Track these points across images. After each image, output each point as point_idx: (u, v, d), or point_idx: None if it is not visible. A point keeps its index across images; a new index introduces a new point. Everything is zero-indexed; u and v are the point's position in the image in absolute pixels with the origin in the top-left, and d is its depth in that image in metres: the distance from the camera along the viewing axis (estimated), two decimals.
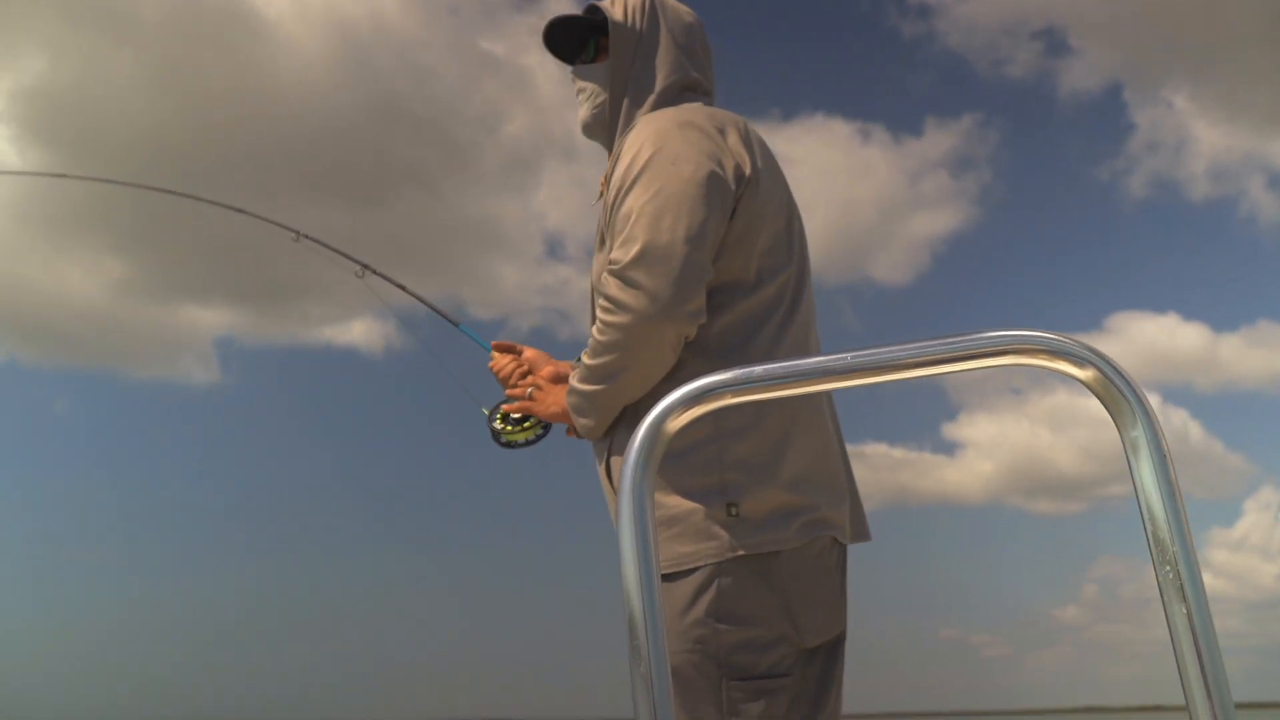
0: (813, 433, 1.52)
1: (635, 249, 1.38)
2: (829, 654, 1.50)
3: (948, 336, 0.82)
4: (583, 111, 1.69)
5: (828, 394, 1.62)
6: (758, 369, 0.86)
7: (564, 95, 1.74)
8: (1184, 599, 0.73)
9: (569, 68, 1.73)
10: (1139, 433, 0.77)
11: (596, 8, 1.67)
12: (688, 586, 1.41)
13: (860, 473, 1.60)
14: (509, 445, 1.81)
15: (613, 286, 1.40)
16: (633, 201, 1.42)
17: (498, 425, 1.82)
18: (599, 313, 1.44)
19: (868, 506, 1.60)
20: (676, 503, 1.44)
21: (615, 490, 1.50)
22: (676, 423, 0.85)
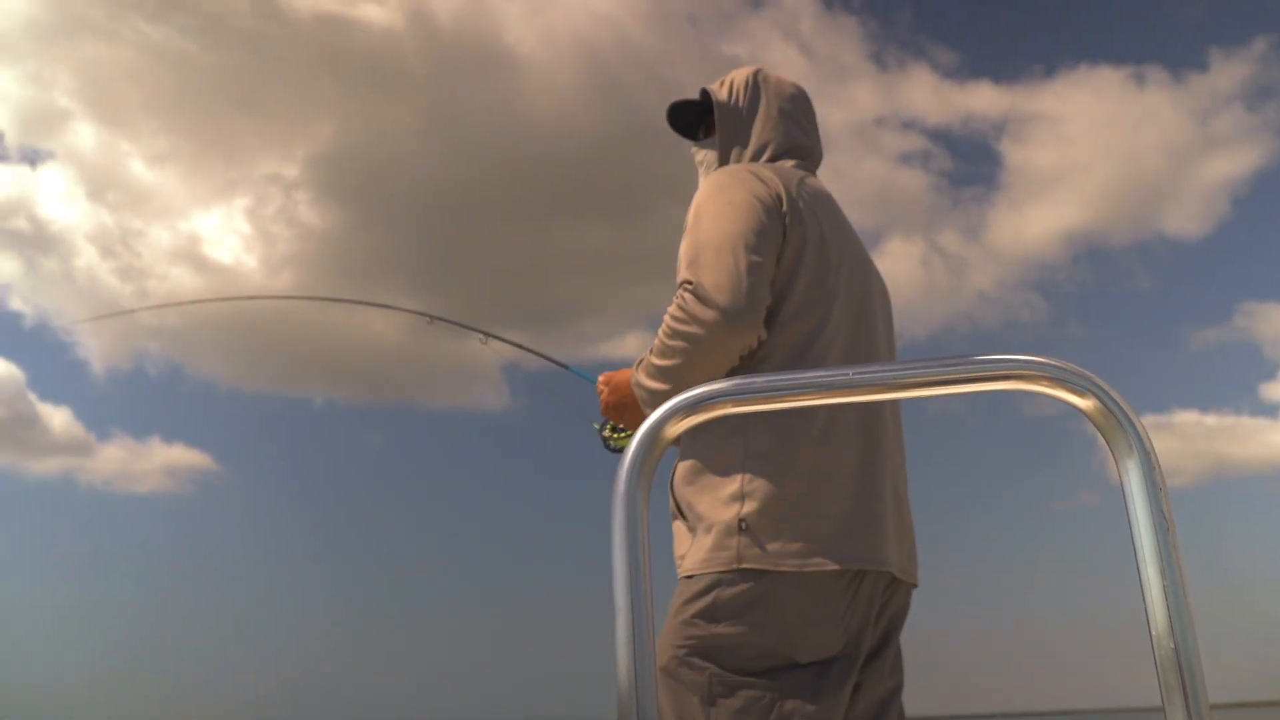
0: (849, 460, 1.55)
1: (707, 270, 1.53)
2: (833, 673, 1.49)
3: (951, 358, 0.82)
4: (701, 180, 1.86)
5: (893, 420, 1.67)
6: (758, 379, 0.86)
7: (814, 88, 1.96)
8: (1171, 631, 0.74)
9: (691, 143, 1.94)
10: (1135, 462, 0.78)
11: (707, 91, 1.88)
12: (693, 587, 1.51)
13: (1168, 444, 1.56)
14: (615, 450, 2.09)
15: (689, 300, 1.54)
16: (700, 231, 1.58)
17: (605, 434, 2.11)
18: (668, 318, 1.57)
19: (1177, 481, 1.61)
20: (706, 509, 1.55)
21: (670, 492, 1.65)
22: (675, 429, 0.85)
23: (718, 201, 1.60)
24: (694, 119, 1.95)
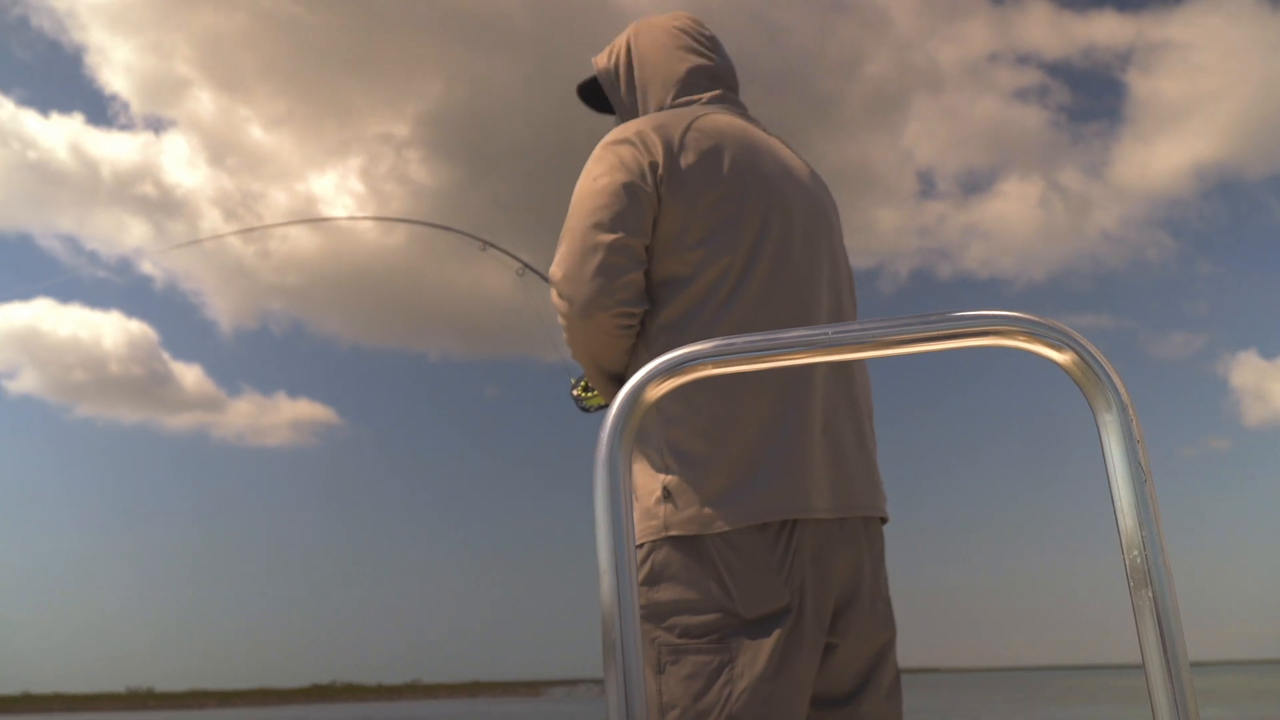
0: (761, 410, 1.53)
1: (556, 260, 1.63)
2: (783, 625, 1.46)
3: (929, 315, 0.82)
4: None
5: (840, 374, 1.63)
6: (738, 340, 0.86)
7: (925, 25, 1.87)
8: (1148, 583, 0.74)
9: (612, 117, 1.93)
10: (1113, 417, 0.77)
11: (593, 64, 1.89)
12: (637, 557, 1.51)
13: None
14: (585, 410, 2.08)
15: (552, 294, 1.65)
16: (567, 217, 1.65)
17: (576, 393, 2.09)
18: None
19: None
20: (639, 481, 1.56)
21: None
22: (656, 392, 0.85)
23: (582, 184, 1.65)
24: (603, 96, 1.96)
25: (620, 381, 1.69)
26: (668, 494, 1.52)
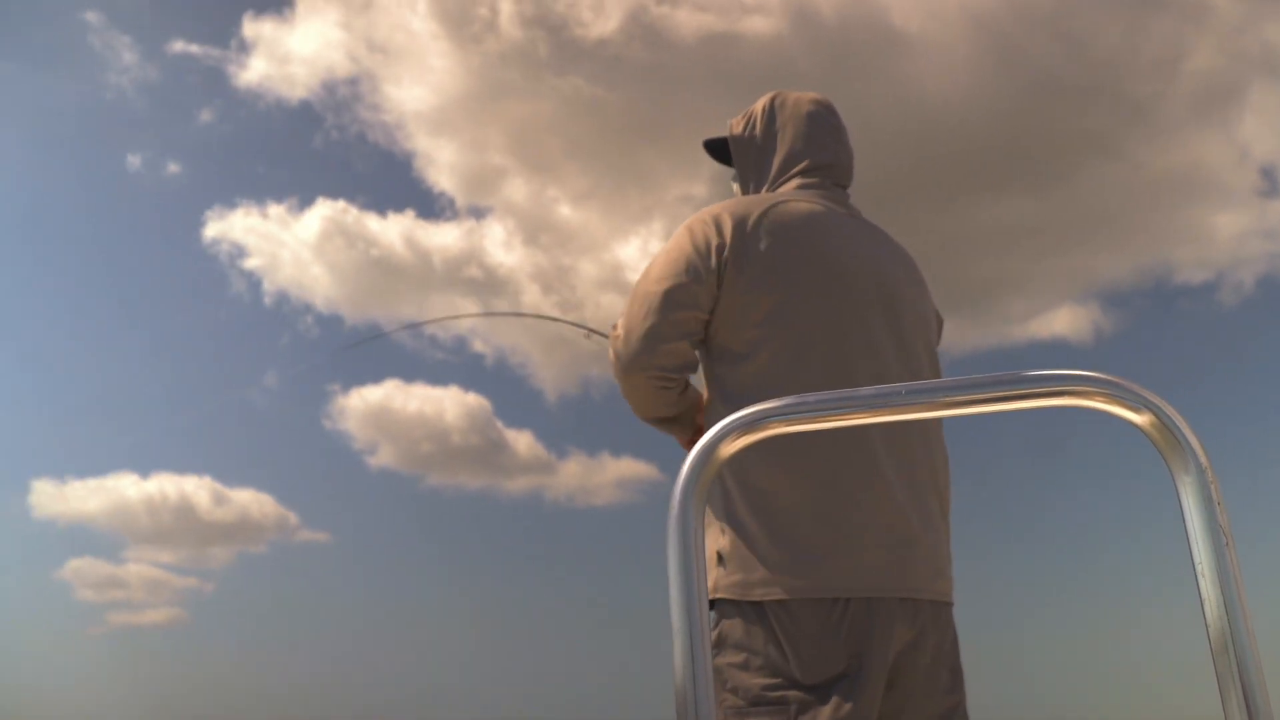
0: (823, 484, 1.56)
1: (624, 318, 1.76)
2: (840, 690, 1.48)
3: (1003, 375, 0.83)
4: None
5: (912, 454, 1.65)
6: (811, 397, 0.86)
7: (1253, 6, 1.71)
8: (1230, 648, 0.74)
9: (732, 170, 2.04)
10: (1191, 479, 0.78)
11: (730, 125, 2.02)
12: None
13: None
14: None
15: (611, 343, 1.79)
16: (639, 278, 1.78)
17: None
18: None
19: None
20: (707, 540, 1.60)
21: None
22: (730, 449, 0.86)
23: (662, 251, 1.77)
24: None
25: (671, 422, 1.82)
26: (720, 558, 1.58)
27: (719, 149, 2.07)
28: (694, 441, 1.53)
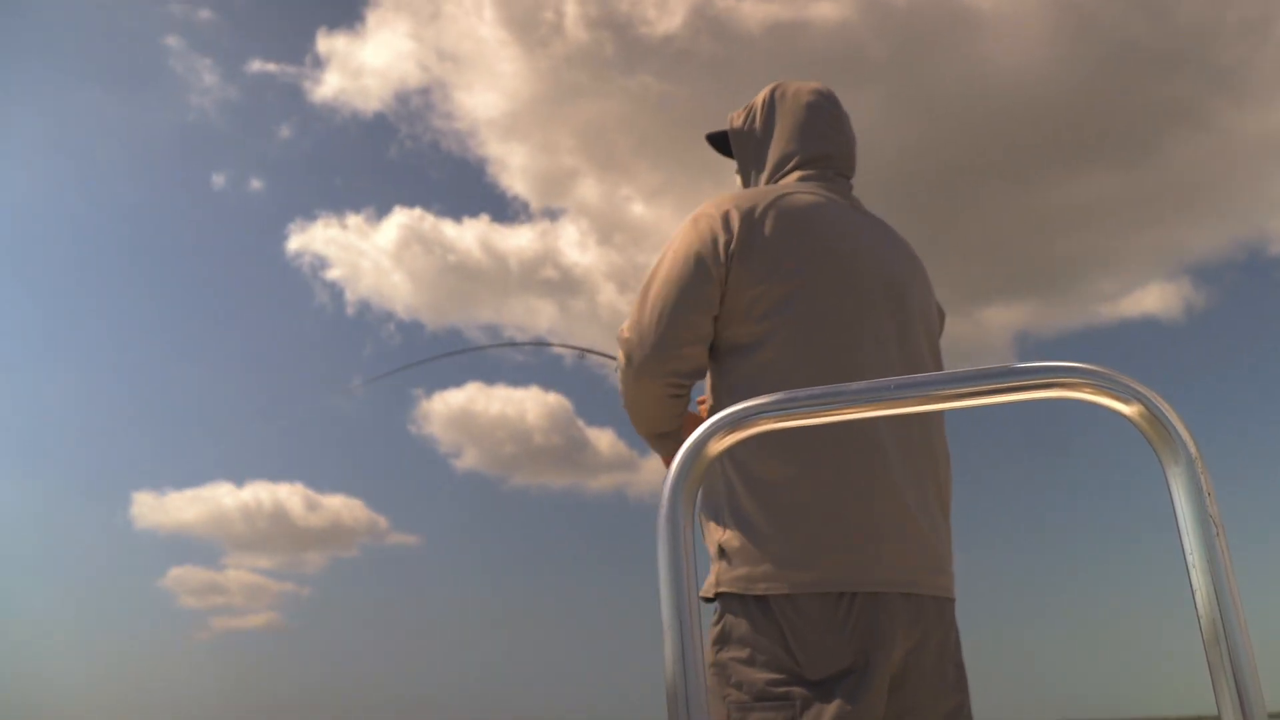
0: (826, 477, 1.56)
1: (631, 319, 1.73)
2: (846, 685, 1.47)
3: (991, 368, 0.82)
4: None
5: (917, 450, 1.65)
6: (800, 393, 0.86)
7: None
8: (1222, 636, 0.74)
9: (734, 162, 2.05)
10: (1181, 469, 0.78)
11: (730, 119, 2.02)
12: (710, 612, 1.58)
13: None
14: None
15: (619, 345, 1.75)
16: (646, 278, 1.76)
17: None
18: None
19: None
20: (707, 534, 1.63)
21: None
22: (719, 446, 0.85)
23: (667, 250, 1.75)
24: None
25: (666, 437, 1.77)
26: (722, 552, 1.57)
27: (721, 142, 2.06)
28: None
